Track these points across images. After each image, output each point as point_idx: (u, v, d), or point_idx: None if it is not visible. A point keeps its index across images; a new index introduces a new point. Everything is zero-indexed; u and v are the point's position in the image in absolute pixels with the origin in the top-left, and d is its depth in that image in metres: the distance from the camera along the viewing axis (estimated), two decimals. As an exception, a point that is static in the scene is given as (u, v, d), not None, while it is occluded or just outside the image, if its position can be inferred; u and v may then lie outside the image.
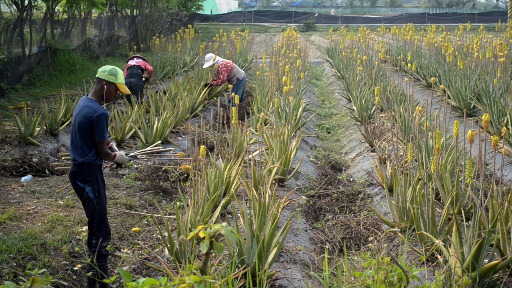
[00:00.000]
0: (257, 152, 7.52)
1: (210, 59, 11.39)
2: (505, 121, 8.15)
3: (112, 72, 4.31)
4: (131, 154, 4.76)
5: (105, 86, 4.28)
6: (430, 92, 11.87)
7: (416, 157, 6.11)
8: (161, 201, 6.52)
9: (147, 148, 5.03)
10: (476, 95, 9.62)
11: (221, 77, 11.32)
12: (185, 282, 2.02)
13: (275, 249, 4.24)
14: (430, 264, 4.45)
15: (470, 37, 15.72)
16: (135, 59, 10.80)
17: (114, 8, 23.10)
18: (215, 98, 12.43)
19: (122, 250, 5.11)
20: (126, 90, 4.31)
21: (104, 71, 4.33)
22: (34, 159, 7.33)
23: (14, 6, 14.96)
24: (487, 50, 10.83)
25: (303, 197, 6.59)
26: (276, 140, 7.04)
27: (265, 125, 8.97)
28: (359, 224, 5.69)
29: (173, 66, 15.46)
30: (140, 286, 1.97)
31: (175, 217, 5.58)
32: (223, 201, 5.49)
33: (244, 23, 42.17)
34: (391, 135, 7.70)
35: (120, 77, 4.29)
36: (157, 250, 5.12)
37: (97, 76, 4.39)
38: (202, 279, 2.03)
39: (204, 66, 11.65)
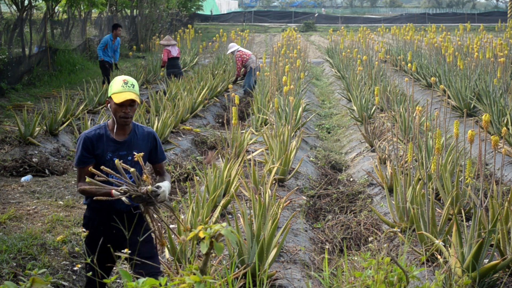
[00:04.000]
0: (257, 152, 7.52)
1: (232, 48, 13.34)
2: (505, 121, 8.15)
3: (110, 85, 3.59)
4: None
5: (108, 104, 3.53)
6: (430, 92, 11.88)
7: (416, 157, 6.11)
8: (161, 201, 6.51)
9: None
10: (476, 95, 9.62)
11: (236, 67, 13.35)
12: (185, 282, 2.02)
13: (275, 249, 4.24)
14: (430, 264, 4.45)
15: (470, 37, 15.72)
16: (175, 47, 12.79)
17: (114, 8, 23.11)
18: (215, 98, 12.44)
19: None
20: (119, 99, 3.38)
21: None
22: (34, 159, 7.33)
23: (14, 6, 14.98)
24: (487, 50, 10.83)
25: (303, 197, 6.58)
26: (276, 140, 7.04)
27: (265, 125, 8.97)
28: (359, 224, 5.69)
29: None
30: (140, 286, 1.97)
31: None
32: (223, 201, 5.49)
33: (244, 23, 42.19)
34: (391, 135, 7.70)
35: (114, 87, 3.47)
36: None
37: None
38: (202, 279, 2.03)
39: (227, 52, 14.06)
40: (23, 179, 6.82)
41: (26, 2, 14.22)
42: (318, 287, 4.34)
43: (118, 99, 3.37)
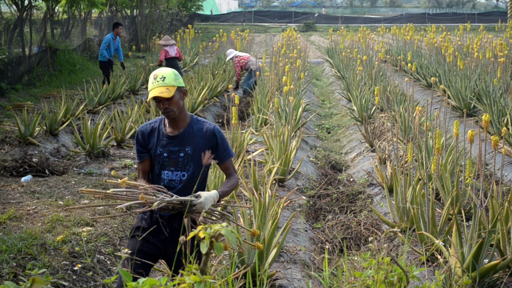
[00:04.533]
0: (257, 152, 7.52)
1: (230, 54, 13.60)
2: (505, 121, 8.15)
3: None
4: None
5: None
6: (430, 92, 11.87)
7: (416, 157, 6.11)
8: (161, 201, 6.50)
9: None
10: (476, 95, 9.62)
11: (235, 73, 13.51)
12: (185, 282, 2.02)
13: (275, 249, 4.24)
14: (430, 264, 4.45)
15: (470, 37, 15.72)
16: (173, 47, 12.87)
17: (114, 8, 23.10)
18: (215, 98, 12.45)
19: (123, 250, 5.11)
20: (149, 96, 3.18)
21: None
22: (34, 159, 7.32)
23: (14, 6, 14.97)
24: (487, 50, 10.84)
25: (303, 197, 6.58)
26: (276, 140, 7.04)
27: (265, 125, 8.97)
28: (359, 224, 5.69)
29: (173, 66, 15.47)
30: (140, 286, 1.97)
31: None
32: (223, 201, 5.48)
33: (244, 23, 42.19)
34: (391, 135, 7.70)
35: (148, 84, 3.24)
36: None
37: None
38: (202, 279, 2.03)
39: (226, 60, 14.36)
40: (23, 179, 6.82)
41: (26, 2, 14.21)
42: (318, 287, 4.34)
43: (149, 96, 3.15)
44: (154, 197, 2.93)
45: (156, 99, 3.12)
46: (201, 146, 3.21)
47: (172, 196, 2.97)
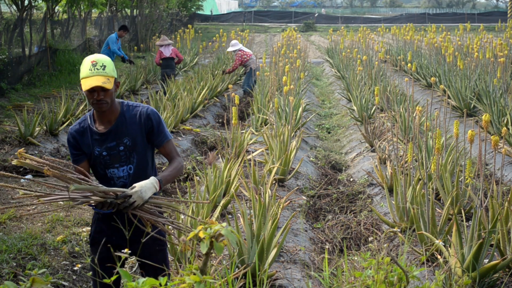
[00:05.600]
0: (257, 152, 7.52)
1: (234, 46, 13.08)
2: (505, 121, 8.15)
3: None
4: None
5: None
6: (430, 92, 11.87)
7: (416, 157, 6.11)
8: (161, 201, 6.50)
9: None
10: (476, 95, 9.62)
11: (233, 64, 13.08)
12: (185, 282, 2.02)
13: (275, 249, 4.24)
14: (430, 264, 4.45)
15: (470, 37, 15.73)
16: (169, 47, 12.40)
17: (114, 8, 23.10)
18: (215, 98, 12.45)
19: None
20: (85, 86, 2.86)
21: None
22: (34, 159, 7.32)
23: (14, 6, 14.98)
24: (487, 50, 10.84)
25: (303, 197, 6.58)
26: (276, 140, 7.04)
27: (265, 125, 8.97)
28: (359, 224, 5.69)
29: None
30: (140, 286, 1.97)
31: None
32: (223, 201, 5.49)
33: (244, 23, 42.19)
34: (391, 135, 7.70)
35: (82, 70, 2.92)
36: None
37: None
38: (202, 279, 2.03)
39: (228, 50, 13.93)
40: (23, 179, 6.82)
41: (26, 2, 14.22)
42: (318, 287, 4.34)
43: (84, 85, 2.85)
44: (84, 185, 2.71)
45: (92, 89, 2.85)
46: (138, 133, 3.01)
47: (98, 185, 2.73)
